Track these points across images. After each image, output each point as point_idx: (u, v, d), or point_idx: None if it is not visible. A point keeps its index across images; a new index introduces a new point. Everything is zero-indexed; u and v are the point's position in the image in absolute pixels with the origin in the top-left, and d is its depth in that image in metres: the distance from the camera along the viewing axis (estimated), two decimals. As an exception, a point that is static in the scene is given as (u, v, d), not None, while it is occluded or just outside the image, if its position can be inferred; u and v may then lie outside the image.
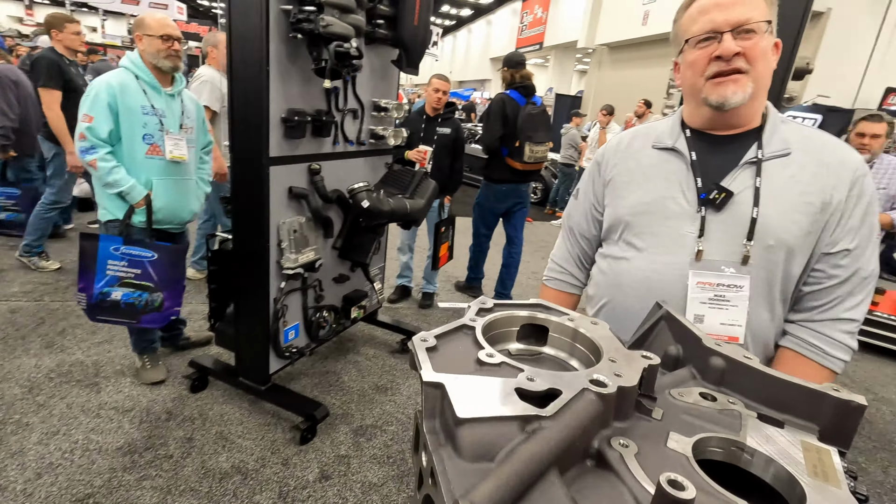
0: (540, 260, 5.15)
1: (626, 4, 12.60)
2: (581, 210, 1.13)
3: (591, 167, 1.12)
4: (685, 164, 0.95)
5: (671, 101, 2.55)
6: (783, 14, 2.13)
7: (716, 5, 0.85)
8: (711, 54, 0.86)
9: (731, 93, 0.85)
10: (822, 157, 0.88)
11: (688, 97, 0.97)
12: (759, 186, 0.88)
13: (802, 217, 0.87)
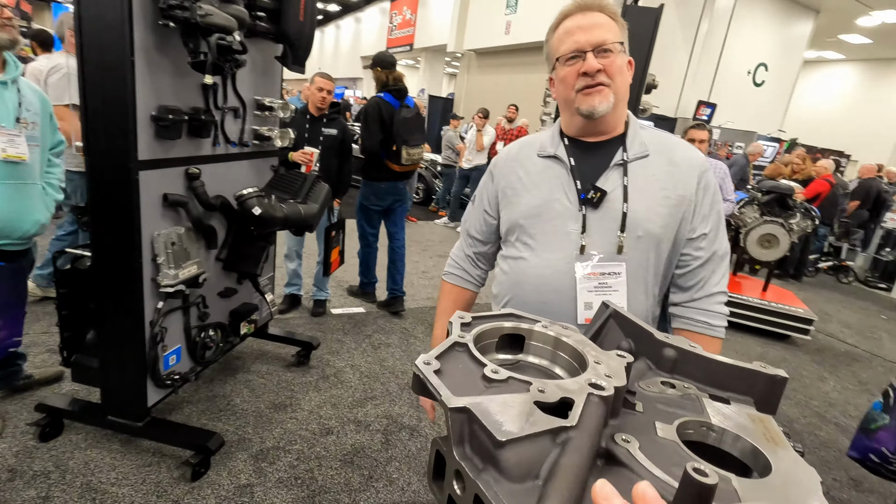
0: (428, 259, 5.25)
1: (490, 14, 13.35)
2: (476, 215, 1.23)
3: (485, 177, 1.22)
4: (566, 169, 1.06)
5: (548, 109, 2.77)
6: (634, 37, 2.44)
7: (578, 28, 0.99)
8: (579, 70, 0.98)
9: (598, 102, 0.99)
10: (673, 157, 1.05)
11: (563, 108, 1.08)
12: (627, 185, 1.02)
13: (664, 209, 1.02)
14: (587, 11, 1.01)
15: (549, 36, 1.09)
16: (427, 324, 3.64)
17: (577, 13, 1.02)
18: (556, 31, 1.05)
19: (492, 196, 1.18)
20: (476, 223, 1.23)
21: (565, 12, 1.04)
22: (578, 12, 1.02)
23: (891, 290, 6.35)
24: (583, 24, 0.99)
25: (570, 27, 1.01)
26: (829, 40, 12.60)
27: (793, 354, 4.00)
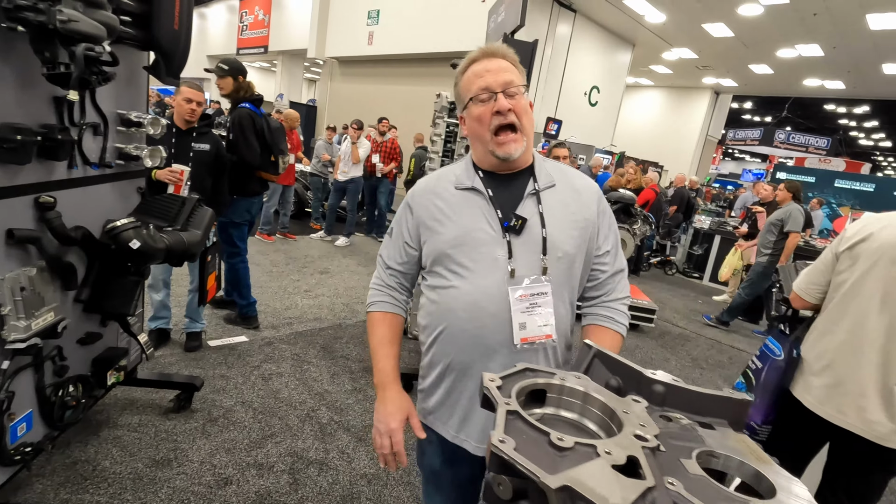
0: (310, 277, 5.02)
1: (352, 23, 13.24)
2: (395, 246, 1.25)
3: (402, 209, 1.24)
4: (485, 199, 1.13)
5: (438, 131, 2.88)
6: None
7: (486, 71, 1.09)
8: (492, 109, 1.07)
9: (514, 150, 1.09)
10: (575, 185, 1.18)
11: (476, 144, 1.16)
12: (542, 212, 1.12)
13: (575, 231, 1.13)
14: (492, 57, 1.11)
15: (458, 79, 1.17)
16: (319, 346, 3.49)
17: (484, 59, 1.11)
18: (465, 74, 1.13)
19: (412, 227, 1.20)
20: (396, 254, 1.25)
21: (472, 58, 1.13)
22: (485, 58, 1.11)
23: (702, 278, 7.80)
24: (490, 67, 1.08)
25: (479, 70, 1.10)
26: (642, 69, 14.98)
27: (643, 341, 4.69)
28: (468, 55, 1.16)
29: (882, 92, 13.79)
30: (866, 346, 1.41)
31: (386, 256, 1.26)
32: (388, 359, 1.20)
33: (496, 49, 1.12)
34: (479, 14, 10.03)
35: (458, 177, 1.17)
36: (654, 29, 11.48)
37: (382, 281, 1.28)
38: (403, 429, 1.17)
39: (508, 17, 2.74)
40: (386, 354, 1.21)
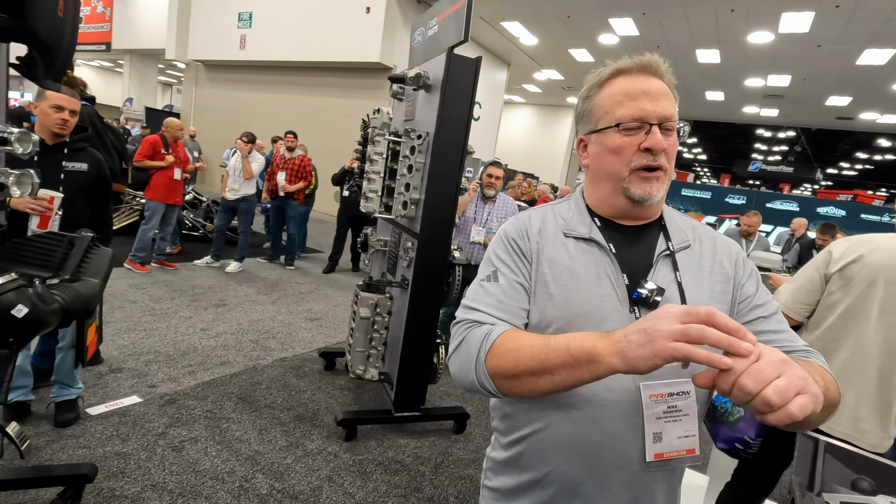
0: (204, 311, 4.34)
1: (220, 24, 12.10)
2: (504, 291, 0.88)
3: (503, 245, 0.92)
4: (608, 257, 0.87)
5: (378, 149, 2.62)
6: (457, 86, 2.49)
7: (644, 93, 0.83)
8: (640, 144, 0.83)
9: (656, 190, 0.85)
10: (716, 247, 0.93)
11: (599, 181, 0.91)
12: (681, 281, 0.87)
13: (721, 305, 0.88)
14: (650, 75, 0.85)
15: (592, 91, 0.90)
16: (235, 397, 2.98)
17: (639, 74, 0.85)
18: (608, 87, 0.87)
19: (524, 269, 0.90)
20: (506, 302, 0.87)
21: (621, 69, 0.87)
22: (640, 73, 0.85)
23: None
24: (648, 89, 0.84)
25: (633, 90, 0.84)
26: (516, 87, 16.01)
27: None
28: (615, 64, 0.88)
29: (703, 114, 16.44)
30: (866, 362, 1.54)
31: (500, 303, 0.87)
32: (562, 337, 0.75)
33: (655, 64, 0.86)
34: (366, 24, 9.81)
35: (569, 222, 0.92)
36: (528, 51, 12.32)
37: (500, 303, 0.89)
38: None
39: (446, 31, 2.62)
40: (555, 337, 0.76)
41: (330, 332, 4.36)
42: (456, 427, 2.96)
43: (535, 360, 0.74)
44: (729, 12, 8.40)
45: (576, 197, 0.98)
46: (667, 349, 0.61)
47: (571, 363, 0.71)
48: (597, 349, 0.69)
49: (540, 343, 0.76)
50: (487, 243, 3.63)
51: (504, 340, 0.80)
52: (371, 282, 2.77)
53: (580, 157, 0.96)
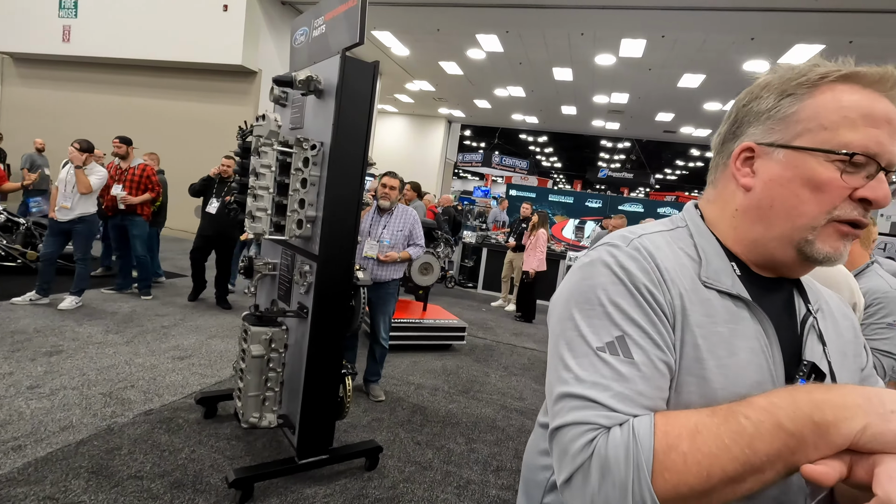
0: (30, 364, 3.44)
1: (36, 13, 10.12)
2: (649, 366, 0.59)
3: (627, 292, 0.61)
4: (761, 326, 0.65)
5: (265, 161, 2.25)
6: (356, 92, 2.30)
7: (888, 122, 0.60)
8: (856, 190, 0.60)
9: (846, 251, 0.64)
10: (841, 309, 0.78)
11: (769, 220, 0.65)
12: (830, 360, 0.69)
13: (857, 379, 0.73)
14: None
15: (800, 87, 0.63)
16: (86, 471, 2.37)
17: (885, 93, 0.61)
18: (830, 92, 0.61)
19: (671, 344, 0.61)
20: (652, 393, 0.58)
21: (859, 73, 0.61)
22: (889, 92, 0.61)
23: (476, 287, 8.66)
24: (894, 118, 0.60)
25: (876, 112, 0.59)
26: (388, 97, 15.97)
27: (461, 360, 4.83)
28: (847, 66, 0.61)
29: (559, 126, 18.09)
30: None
31: (614, 398, 0.56)
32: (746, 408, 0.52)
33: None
34: (225, 23, 8.97)
35: (708, 266, 0.66)
36: (399, 61, 12.35)
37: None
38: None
39: (336, 32, 2.39)
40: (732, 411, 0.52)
41: (206, 370, 3.77)
42: (368, 463, 2.71)
43: (736, 458, 0.49)
44: (579, 35, 9.30)
45: (695, 223, 0.71)
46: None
47: (791, 447, 0.49)
48: (831, 417, 0.48)
49: (727, 426, 0.50)
50: (381, 258, 3.43)
51: (670, 437, 0.51)
52: (262, 313, 2.40)
53: (736, 171, 0.68)
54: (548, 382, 0.65)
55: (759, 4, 6.97)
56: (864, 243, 2.04)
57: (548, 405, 0.65)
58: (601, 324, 0.61)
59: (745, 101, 0.68)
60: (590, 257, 0.67)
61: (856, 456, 0.49)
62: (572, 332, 0.62)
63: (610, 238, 0.69)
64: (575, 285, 0.66)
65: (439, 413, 3.57)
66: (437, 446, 3.07)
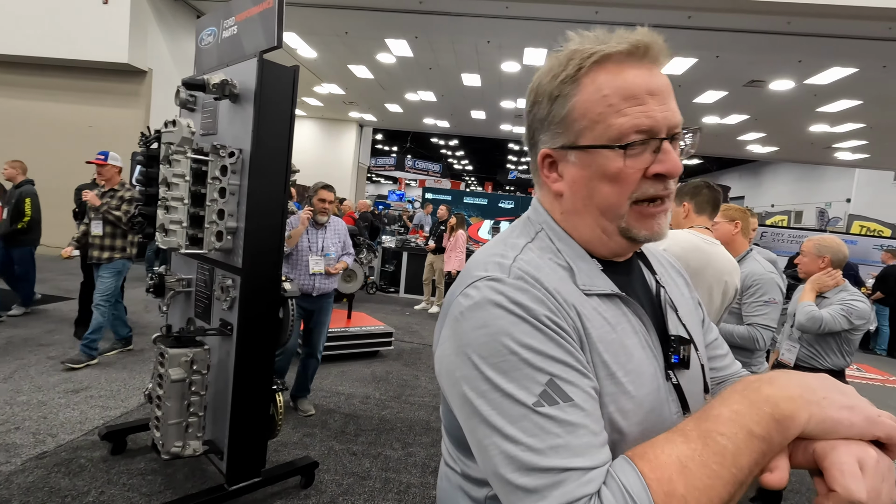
0: None
1: None
2: (588, 401, 0.56)
3: (533, 330, 0.57)
4: (638, 317, 0.67)
5: (178, 170, 2.07)
6: (275, 99, 2.23)
7: (648, 92, 0.61)
8: (649, 167, 0.62)
9: (664, 227, 0.66)
10: (672, 265, 0.85)
11: (590, 216, 0.67)
12: (685, 323, 0.73)
13: (701, 334, 0.79)
14: (653, 65, 0.63)
15: (565, 85, 0.64)
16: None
17: (636, 63, 0.62)
18: (591, 80, 0.62)
19: (587, 368, 0.59)
20: (600, 429, 0.56)
21: (608, 52, 0.61)
22: (638, 62, 0.62)
23: (398, 292, 8.63)
24: (655, 86, 0.61)
25: (632, 87, 0.60)
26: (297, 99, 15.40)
27: (389, 366, 4.80)
28: (597, 45, 0.62)
29: (470, 130, 18.58)
30: None
31: (576, 455, 0.52)
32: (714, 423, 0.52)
33: (657, 46, 0.62)
34: (106, 17, 8.15)
35: (579, 272, 0.65)
36: (307, 64, 11.98)
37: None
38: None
39: (250, 34, 2.29)
40: (702, 428, 0.52)
41: (108, 402, 3.39)
42: (304, 481, 2.62)
43: (728, 481, 0.49)
44: (486, 43, 9.65)
45: (551, 227, 0.71)
46: (886, 426, 0.50)
47: (764, 451, 0.50)
48: (787, 410, 0.50)
49: (710, 451, 0.50)
50: (329, 271, 3.35)
51: (663, 484, 0.49)
52: (180, 333, 2.23)
53: (545, 178, 0.70)
54: (484, 460, 0.57)
55: (643, 20, 7.71)
56: (745, 233, 2.36)
57: (498, 488, 0.56)
58: (523, 374, 0.55)
59: (529, 108, 0.70)
60: (471, 298, 0.60)
61: (791, 445, 0.52)
62: (495, 395, 0.55)
63: (485, 269, 0.63)
64: (471, 337, 0.58)
65: (373, 421, 3.53)
66: (374, 454, 3.03)
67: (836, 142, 14.01)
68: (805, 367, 2.49)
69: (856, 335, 2.43)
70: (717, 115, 12.74)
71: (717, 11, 7.08)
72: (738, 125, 13.46)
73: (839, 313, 2.36)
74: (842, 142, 13.92)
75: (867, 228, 13.53)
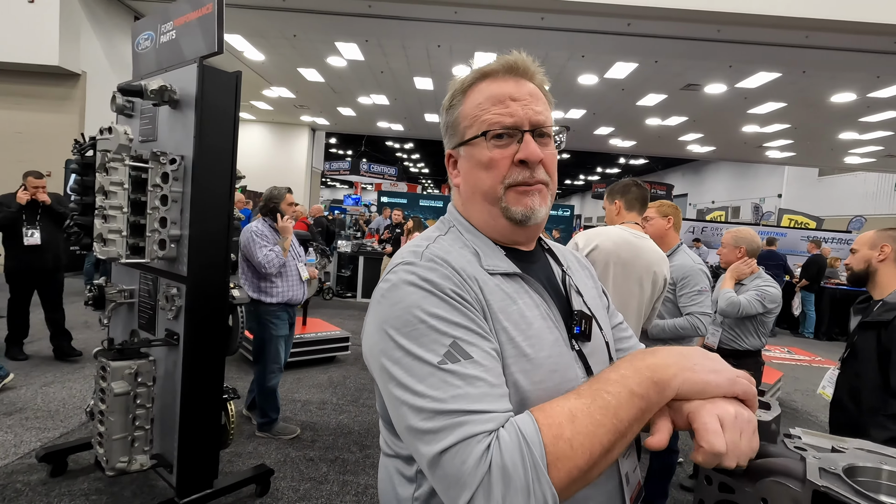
0: None
1: None
2: (488, 359, 0.64)
3: (440, 301, 0.66)
4: (540, 294, 0.77)
5: (115, 178, 2.01)
6: (217, 105, 2.22)
7: (510, 97, 0.76)
8: (514, 155, 0.75)
9: (538, 205, 0.76)
10: (578, 262, 0.96)
11: (477, 202, 0.80)
12: (589, 306, 0.85)
13: (607, 317, 0.91)
14: (519, 77, 0.78)
15: (455, 98, 0.81)
16: None
17: (506, 76, 0.78)
18: (473, 93, 0.79)
19: (490, 334, 0.68)
20: (500, 383, 0.64)
21: (486, 71, 0.79)
22: (507, 75, 0.78)
23: (356, 296, 8.57)
24: (517, 93, 0.76)
25: (499, 93, 0.76)
26: (244, 104, 14.99)
27: (346, 370, 4.78)
28: (479, 67, 0.79)
29: (424, 133, 18.65)
30: None
31: (476, 401, 0.59)
32: (604, 381, 0.62)
33: (523, 65, 0.78)
34: (33, 17, 7.69)
35: (484, 257, 0.76)
36: (254, 66, 11.70)
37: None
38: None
39: (189, 39, 2.26)
40: (592, 387, 0.62)
41: (45, 423, 3.22)
42: (259, 489, 2.59)
43: (609, 430, 0.57)
44: (437, 47, 9.76)
45: (459, 221, 0.83)
46: (742, 385, 0.62)
47: (643, 408, 0.60)
48: (664, 375, 0.61)
49: (596, 405, 0.58)
50: (314, 274, 3.33)
51: (553, 428, 0.57)
52: (123, 345, 2.16)
53: (450, 174, 0.85)
54: (397, 418, 0.64)
55: (586, 27, 8.02)
56: (676, 228, 2.54)
57: (407, 441, 0.63)
58: (430, 339, 0.63)
59: (439, 121, 0.87)
60: (390, 282, 0.70)
61: (670, 409, 0.62)
62: (407, 359, 0.63)
63: (403, 256, 0.74)
64: (387, 313, 0.67)
65: (330, 426, 3.52)
66: (331, 459, 3.03)
67: (765, 141, 15.02)
68: (727, 349, 2.70)
69: (769, 318, 2.67)
70: (659, 117, 13.39)
71: (654, 19, 7.47)
72: (677, 126, 14.18)
73: (754, 298, 2.59)
74: (771, 141, 14.94)
75: (795, 221, 14.57)
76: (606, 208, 2.17)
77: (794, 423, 4.26)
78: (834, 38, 7.46)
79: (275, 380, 3.20)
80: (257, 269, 3.13)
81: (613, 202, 2.13)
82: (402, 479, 0.76)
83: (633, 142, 16.87)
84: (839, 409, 1.82)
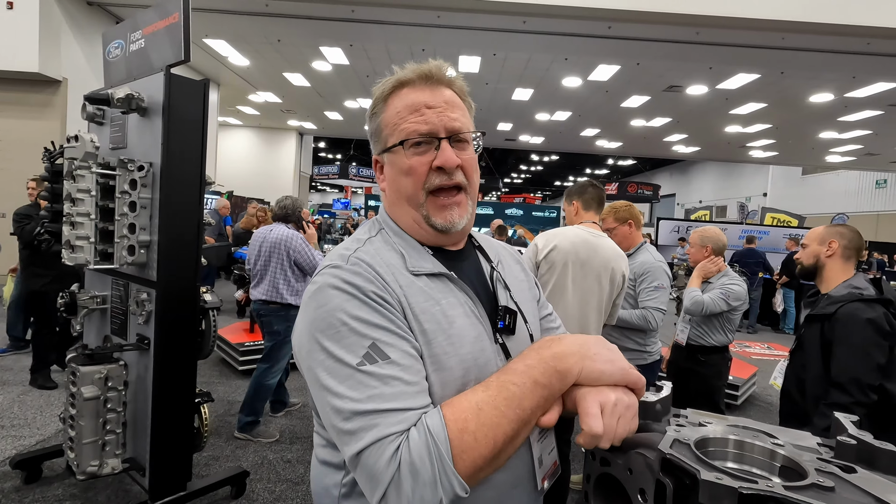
0: None
1: None
2: (407, 359, 0.68)
3: (359, 302, 0.69)
4: (464, 292, 0.80)
5: (82, 185, 2.04)
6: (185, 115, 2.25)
7: (425, 105, 0.78)
8: (431, 162, 0.78)
9: (458, 217, 0.80)
10: (511, 256, 1.00)
11: (400, 206, 0.83)
12: (516, 300, 0.87)
13: (535, 309, 0.95)
14: (435, 84, 0.80)
15: (378, 107, 0.84)
16: None
17: (421, 85, 0.80)
18: (393, 100, 0.81)
19: (409, 333, 0.72)
20: (419, 382, 0.68)
21: (403, 80, 0.81)
22: (422, 84, 0.80)
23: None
24: (432, 101, 0.78)
25: (415, 102, 0.79)
26: (230, 109, 14.96)
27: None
28: (395, 75, 0.82)
29: (413, 136, 18.70)
30: (568, 318, 2.02)
31: (390, 401, 0.63)
32: (508, 373, 0.67)
33: (438, 73, 0.81)
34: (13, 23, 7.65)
35: (409, 259, 0.79)
36: (239, 71, 11.70)
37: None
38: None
39: (157, 48, 2.29)
40: (498, 379, 0.67)
41: (21, 431, 3.23)
42: (234, 491, 2.61)
43: (513, 419, 0.62)
44: (420, 51, 9.81)
45: (387, 224, 0.86)
46: (633, 375, 0.68)
47: (546, 396, 0.65)
48: (567, 364, 0.66)
49: (501, 396, 0.63)
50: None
51: (458, 422, 0.61)
52: (94, 350, 2.18)
53: (378, 179, 0.88)
54: (324, 416, 0.68)
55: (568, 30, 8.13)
56: (638, 227, 2.61)
57: (334, 439, 0.68)
58: (351, 341, 0.66)
59: (367, 125, 0.89)
60: (317, 284, 0.73)
61: (565, 396, 0.68)
62: (329, 361, 0.66)
63: (331, 259, 0.77)
64: (313, 315, 0.70)
65: (308, 429, 3.54)
66: (308, 460, 3.06)
67: (748, 141, 15.24)
68: (695, 345, 2.76)
69: (735, 315, 2.74)
70: (644, 119, 13.55)
71: (634, 22, 7.58)
72: (662, 127, 14.35)
73: (718, 297, 2.66)
74: (753, 141, 15.16)
75: (778, 219, 14.78)
76: (565, 210, 2.23)
77: (767, 416, 4.34)
78: (810, 39, 7.62)
79: (275, 379, 3.32)
80: (305, 272, 3.32)
81: (571, 203, 2.19)
82: (329, 467, 0.81)
83: (620, 143, 17.03)
84: (787, 399, 1.89)
